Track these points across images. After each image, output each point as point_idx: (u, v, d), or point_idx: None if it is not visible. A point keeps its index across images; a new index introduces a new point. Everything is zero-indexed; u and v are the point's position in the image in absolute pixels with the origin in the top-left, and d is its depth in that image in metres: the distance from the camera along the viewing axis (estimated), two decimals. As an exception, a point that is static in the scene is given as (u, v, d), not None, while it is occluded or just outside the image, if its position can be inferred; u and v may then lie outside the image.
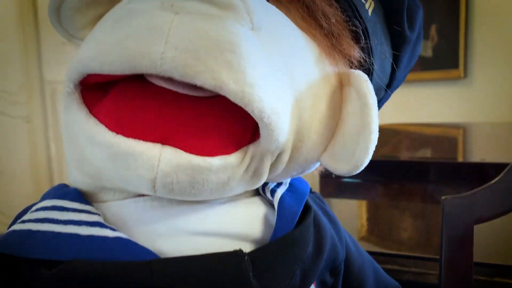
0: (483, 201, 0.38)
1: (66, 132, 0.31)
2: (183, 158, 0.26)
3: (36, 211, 0.31)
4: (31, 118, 3.45)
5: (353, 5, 0.33)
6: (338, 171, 0.33)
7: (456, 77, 3.34)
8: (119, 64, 0.24)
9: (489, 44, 3.24)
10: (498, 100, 3.22)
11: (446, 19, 3.37)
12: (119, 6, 0.28)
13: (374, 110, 0.31)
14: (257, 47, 0.26)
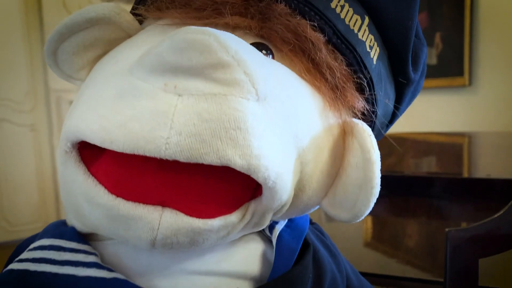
0: (488, 234, 0.37)
1: (64, 187, 0.31)
2: (184, 222, 0.26)
3: (33, 250, 0.31)
4: (36, 126, 3.46)
5: (358, 57, 0.32)
6: (338, 218, 0.33)
7: (461, 84, 3.33)
8: (121, 145, 0.24)
9: (494, 52, 3.23)
10: (503, 108, 3.21)
11: (451, 26, 3.37)
12: (121, 73, 0.27)
13: (377, 165, 0.30)
14: (263, 117, 0.26)
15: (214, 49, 0.23)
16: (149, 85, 0.24)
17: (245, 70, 0.24)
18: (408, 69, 0.36)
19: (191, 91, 0.24)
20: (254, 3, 0.30)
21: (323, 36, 0.31)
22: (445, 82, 3.42)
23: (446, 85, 3.43)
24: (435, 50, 3.46)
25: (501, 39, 3.19)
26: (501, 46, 3.19)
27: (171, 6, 0.31)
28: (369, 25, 0.33)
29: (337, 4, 0.31)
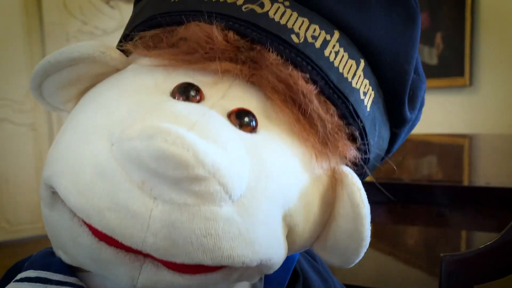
0: (483, 260, 0.37)
1: (49, 225, 0.30)
2: (163, 275, 0.26)
3: (20, 282, 0.31)
4: (36, 126, 3.47)
5: (351, 107, 0.31)
6: (329, 262, 0.33)
7: (462, 85, 3.33)
8: (99, 228, 0.24)
9: (495, 52, 3.22)
10: (504, 108, 3.20)
11: (452, 26, 3.36)
12: (101, 134, 0.26)
13: (367, 219, 0.30)
14: (238, 217, 0.25)
15: (191, 165, 0.23)
16: (127, 176, 0.24)
17: (219, 180, 0.24)
18: (405, 110, 0.35)
19: (165, 199, 0.24)
20: (245, 50, 0.29)
21: (315, 88, 0.29)
22: (445, 82, 3.42)
23: (446, 85, 3.43)
24: (435, 50, 3.45)
25: (502, 40, 3.19)
26: (501, 47, 3.19)
27: (158, 46, 0.30)
28: (364, 69, 0.32)
29: (331, 50, 0.30)
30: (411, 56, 0.34)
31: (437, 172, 1.36)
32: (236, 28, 0.29)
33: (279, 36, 0.29)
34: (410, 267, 0.75)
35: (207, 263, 0.25)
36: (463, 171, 1.31)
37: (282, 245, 0.29)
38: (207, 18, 0.29)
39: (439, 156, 1.72)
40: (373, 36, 0.32)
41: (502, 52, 3.20)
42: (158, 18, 0.31)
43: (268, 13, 0.29)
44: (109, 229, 0.24)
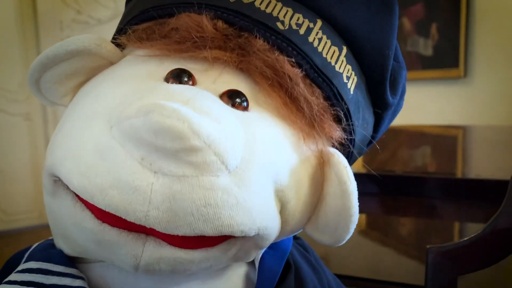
0: (467, 252, 0.39)
1: (51, 213, 0.32)
2: (166, 251, 0.27)
3: (22, 273, 0.32)
4: (30, 116, 3.45)
5: (335, 89, 0.32)
6: (321, 242, 0.34)
7: (456, 76, 3.34)
8: (102, 206, 0.25)
9: (490, 43, 3.23)
10: (497, 100, 3.22)
11: (447, 17, 3.36)
12: (100, 118, 0.27)
13: (354, 196, 0.31)
14: (234, 187, 0.27)
15: (187, 136, 0.24)
16: (127, 153, 0.25)
17: (215, 151, 0.25)
18: (386, 95, 0.37)
19: (165, 172, 0.25)
20: (233, 38, 0.30)
21: (300, 71, 0.31)
22: (440, 73, 3.43)
23: (441, 77, 3.44)
24: (431, 41, 3.46)
25: (497, 31, 3.19)
26: (496, 38, 3.20)
27: (151, 37, 0.32)
28: (346, 55, 0.34)
29: (315, 37, 0.32)
30: (390, 43, 0.35)
31: (429, 164, 1.37)
32: (225, 17, 0.30)
33: (265, 24, 0.30)
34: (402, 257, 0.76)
35: (208, 233, 0.26)
36: (454, 163, 1.32)
37: (276, 217, 0.30)
38: (197, 8, 0.30)
39: (431, 148, 1.74)
40: (354, 24, 0.33)
41: (496, 43, 3.21)
42: (151, 11, 0.32)
43: (254, 3, 0.31)
44: (112, 206, 0.25)
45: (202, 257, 0.28)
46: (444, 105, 3.43)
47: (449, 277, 0.38)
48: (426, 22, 3.47)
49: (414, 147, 1.77)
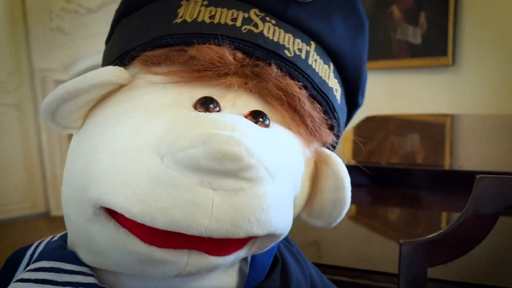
0: (437, 246, 0.42)
1: (84, 233, 0.34)
2: (208, 261, 0.31)
3: (35, 271, 0.34)
4: (21, 106, 3.44)
5: (330, 103, 0.38)
6: (314, 225, 0.40)
7: (445, 64, 3.38)
8: (163, 226, 0.28)
9: (477, 32, 3.26)
10: (485, 88, 3.27)
11: (436, 6, 3.39)
12: (147, 151, 0.29)
13: (349, 189, 0.37)
14: (276, 193, 0.31)
15: (244, 157, 0.28)
16: (186, 178, 0.28)
17: (265, 166, 0.30)
18: (358, 97, 0.43)
19: (224, 188, 0.29)
20: (250, 67, 0.34)
21: (306, 92, 0.36)
22: (429, 61, 3.46)
23: (430, 65, 3.48)
24: (419, 29, 3.48)
25: (485, 20, 3.23)
26: (484, 27, 3.23)
27: (165, 64, 0.34)
28: (333, 71, 0.39)
29: (312, 60, 0.37)
30: (364, 56, 0.42)
31: (415, 155, 1.41)
32: (241, 48, 0.34)
33: (276, 53, 0.35)
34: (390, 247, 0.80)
35: (259, 234, 0.30)
36: (440, 154, 1.36)
37: (292, 217, 0.35)
38: (217, 40, 0.33)
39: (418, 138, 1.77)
40: (338, 44, 0.39)
41: (484, 32, 3.24)
42: (168, 39, 0.34)
43: (263, 32, 0.35)
44: (175, 224, 0.28)
45: (234, 259, 0.33)
46: (432, 93, 3.47)
47: (419, 269, 0.42)
48: (415, 10, 3.49)
49: (401, 136, 1.81)
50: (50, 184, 3.50)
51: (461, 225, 0.42)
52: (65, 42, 3.51)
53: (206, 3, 0.35)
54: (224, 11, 0.35)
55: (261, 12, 0.35)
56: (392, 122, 2.19)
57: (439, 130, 2.01)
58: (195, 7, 0.35)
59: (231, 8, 0.35)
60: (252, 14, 0.35)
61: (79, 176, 0.33)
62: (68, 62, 3.47)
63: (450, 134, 1.89)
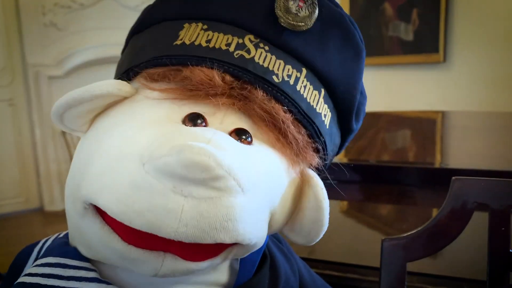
0: (416, 242, 0.45)
1: (78, 228, 0.37)
2: (181, 265, 0.34)
3: (41, 266, 0.37)
4: (14, 101, 3.43)
5: (316, 128, 0.40)
6: (295, 241, 0.42)
7: (436, 61, 3.41)
8: (139, 226, 0.31)
9: (468, 29, 3.30)
10: (475, 84, 3.31)
11: (428, 3, 3.41)
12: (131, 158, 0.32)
13: (327, 211, 0.39)
14: (247, 205, 0.33)
15: (212, 168, 0.30)
16: (161, 184, 0.31)
17: (234, 177, 0.32)
18: (352, 123, 0.45)
19: (194, 195, 0.31)
20: (238, 89, 0.37)
21: (291, 115, 0.38)
22: (420, 58, 3.49)
23: (421, 61, 3.51)
24: (412, 26, 3.51)
25: (476, 17, 3.26)
26: (475, 24, 3.26)
27: (163, 81, 0.38)
28: (324, 97, 0.41)
29: (301, 85, 0.39)
30: (358, 84, 0.43)
31: (404, 152, 1.44)
32: (231, 72, 0.36)
33: (264, 78, 0.37)
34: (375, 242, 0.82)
35: (226, 241, 0.32)
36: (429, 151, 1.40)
37: (266, 230, 0.38)
38: (208, 63, 0.36)
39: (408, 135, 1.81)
40: (331, 71, 0.41)
41: (475, 29, 3.27)
42: (165, 59, 0.37)
43: (254, 58, 0.37)
44: (148, 226, 0.30)
45: (208, 265, 0.35)
46: (424, 89, 3.51)
47: (399, 263, 0.45)
48: (407, 7, 3.52)
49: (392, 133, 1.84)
50: (43, 179, 3.49)
51: (438, 222, 0.45)
52: (58, 37, 3.50)
53: (206, 28, 0.38)
54: (220, 35, 0.37)
55: (255, 38, 0.38)
56: (383, 119, 2.22)
57: (430, 127, 2.05)
58: (195, 30, 0.38)
59: (227, 33, 0.37)
60: (247, 40, 0.37)
61: (76, 175, 0.36)
62: (61, 57, 3.46)
63: (440, 131, 1.92)
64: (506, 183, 0.45)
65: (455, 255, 0.64)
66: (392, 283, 0.46)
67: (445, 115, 2.47)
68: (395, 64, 3.61)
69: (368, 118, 2.24)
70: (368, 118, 2.24)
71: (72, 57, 3.49)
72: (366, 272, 0.68)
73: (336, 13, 0.40)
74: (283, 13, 0.37)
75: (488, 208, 0.45)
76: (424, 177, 1.11)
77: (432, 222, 0.45)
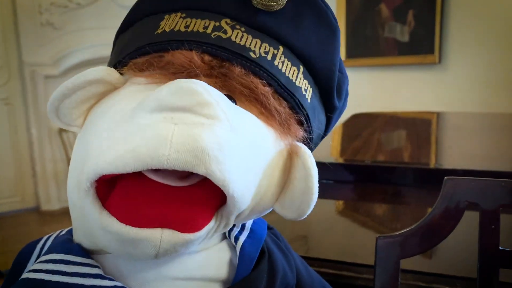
0: (409, 240, 0.46)
1: (79, 215, 0.39)
2: (180, 238, 0.34)
3: (46, 263, 0.38)
4: (10, 101, 3.43)
5: (297, 100, 0.41)
6: (286, 217, 0.43)
7: (432, 62, 3.43)
8: (133, 166, 0.31)
9: (463, 31, 3.32)
10: (470, 85, 3.33)
11: (423, 4, 3.43)
12: (124, 118, 0.34)
13: (316, 178, 0.40)
14: (235, 144, 0.34)
15: (201, 92, 0.32)
16: (151, 120, 0.32)
17: (222, 109, 0.33)
18: (334, 100, 0.46)
19: (185, 121, 0.32)
20: (217, 67, 0.38)
21: (270, 89, 0.40)
22: (416, 59, 3.51)
23: (417, 63, 3.53)
24: (407, 27, 3.53)
25: (471, 19, 3.28)
26: (470, 26, 3.29)
27: (150, 68, 0.39)
28: (303, 73, 0.43)
29: (279, 61, 0.40)
30: (335, 60, 0.45)
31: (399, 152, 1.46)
32: (209, 51, 0.38)
33: (241, 54, 0.38)
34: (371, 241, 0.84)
35: (216, 174, 0.32)
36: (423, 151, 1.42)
37: (251, 190, 0.38)
38: (187, 45, 0.38)
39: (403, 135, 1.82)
40: (307, 48, 0.42)
41: (470, 31, 3.30)
42: (147, 48, 0.39)
43: (230, 37, 0.39)
44: (141, 160, 0.31)
45: (205, 233, 0.36)
46: (419, 90, 3.53)
47: (393, 260, 0.47)
48: (403, 8, 3.54)
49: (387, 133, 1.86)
50: (40, 179, 3.49)
51: (430, 221, 0.47)
52: (55, 37, 3.50)
53: (184, 15, 0.40)
54: (198, 21, 0.39)
55: (232, 21, 0.39)
56: (379, 119, 2.24)
57: (425, 127, 2.07)
58: (174, 19, 0.40)
59: (204, 19, 0.39)
60: (223, 23, 0.39)
61: (78, 163, 0.38)
62: (57, 56, 3.47)
63: (435, 132, 1.94)
64: (495, 183, 0.46)
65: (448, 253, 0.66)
66: (386, 280, 0.47)
67: (440, 116, 2.49)
68: (390, 65, 3.63)
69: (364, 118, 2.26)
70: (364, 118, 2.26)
71: (68, 57, 3.49)
72: (361, 270, 0.70)
73: None
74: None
75: (478, 207, 0.47)
76: (418, 177, 1.12)
77: (425, 221, 0.47)
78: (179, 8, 0.41)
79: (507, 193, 0.46)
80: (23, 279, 0.37)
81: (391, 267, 0.47)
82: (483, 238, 0.46)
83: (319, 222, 0.90)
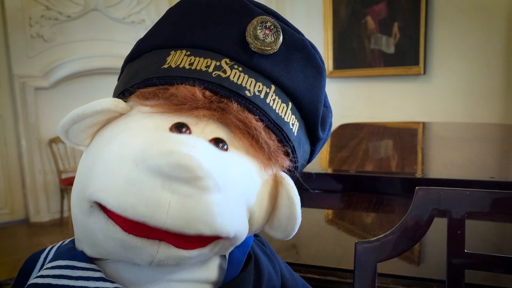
0: (385, 245, 0.51)
1: (83, 227, 0.43)
2: (174, 252, 0.39)
3: (52, 269, 0.42)
4: (0, 112, 3.44)
5: (285, 134, 0.46)
6: (275, 237, 0.48)
7: (417, 73, 3.51)
8: (132, 216, 0.36)
9: (447, 43, 3.40)
10: (454, 96, 3.41)
11: (408, 17, 3.51)
12: (127, 160, 0.38)
13: (298, 206, 0.45)
14: (223, 201, 0.39)
15: (195, 169, 0.36)
16: (152, 181, 0.37)
17: (212, 178, 0.37)
18: (318, 131, 0.51)
19: (179, 192, 0.37)
20: (216, 102, 0.43)
21: (262, 124, 0.44)
22: (401, 70, 3.59)
23: (402, 74, 3.61)
24: (393, 39, 3.61)
25: (454, 32, 3.36)
26: (453, 38, 3.37)
27: (154, 98, 0.44)
28: (291, 109, 0.47)
29: (271, 99, 0.45)
30: (321, 98, 0.50)
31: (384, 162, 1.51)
32: (210, 88, 0.43)
33: (238, 93, 0.43)
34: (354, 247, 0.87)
35: (207, 234, 0.38)
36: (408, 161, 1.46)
37: (246, 224, 0.43)
38: (191, 81, 0.43)
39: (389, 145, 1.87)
40: (296, 87, 0.47)
41: (453, 43, 3.38)
42: (155, 80, 0.44)
43: (229, 77, 0.44)
44: (140, 217, 0.36)
45: (197, 254, 0.40)
46: (405, 100, 3.60)
47: (370, 263, 0.51)
48: (389, 21, 3.62)
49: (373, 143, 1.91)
50: (29, 191, 3.49)
51: (403, 227, 0.51)
52: (45, 49, 3.52)
53: (188, 53, 0.45)
54: (201, 60, 0.44)
55: (231, 61, 0.44)
56: (365, 130, 2.29)
57: (410, 137, 2.12)
58: (180, 56, 0.45)
59: (206, 58, 0.44)
60: (223, 63, 0.44)
61: (82, 181, 0.42)
62: (47, 68, 3.48)
63: (420, 142, 2.00)
64: (462, 192, 0.51)
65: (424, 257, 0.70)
66: (364, 282, 0.51)
67: (426, 125, 2.55)
68: (377, 76, 3.71)
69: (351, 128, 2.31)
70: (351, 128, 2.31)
71: (58, 69, 3.51)
72: (345, 275, 0.73)
73: (298, 39, 0.47)
74: (253, 39, 0.44)
75: (447, 214, 0.51)
76: (402, 186, 1.17)
77: (399, 227, 0.51)
78: (185, 45, 0.46)
79: (472, 201, 0.50)
80: (31, 284, 0.41)
81: (369, 270, 0.51)
82: (451, 243, 0.51)
83: (307, 230, 0.94)
